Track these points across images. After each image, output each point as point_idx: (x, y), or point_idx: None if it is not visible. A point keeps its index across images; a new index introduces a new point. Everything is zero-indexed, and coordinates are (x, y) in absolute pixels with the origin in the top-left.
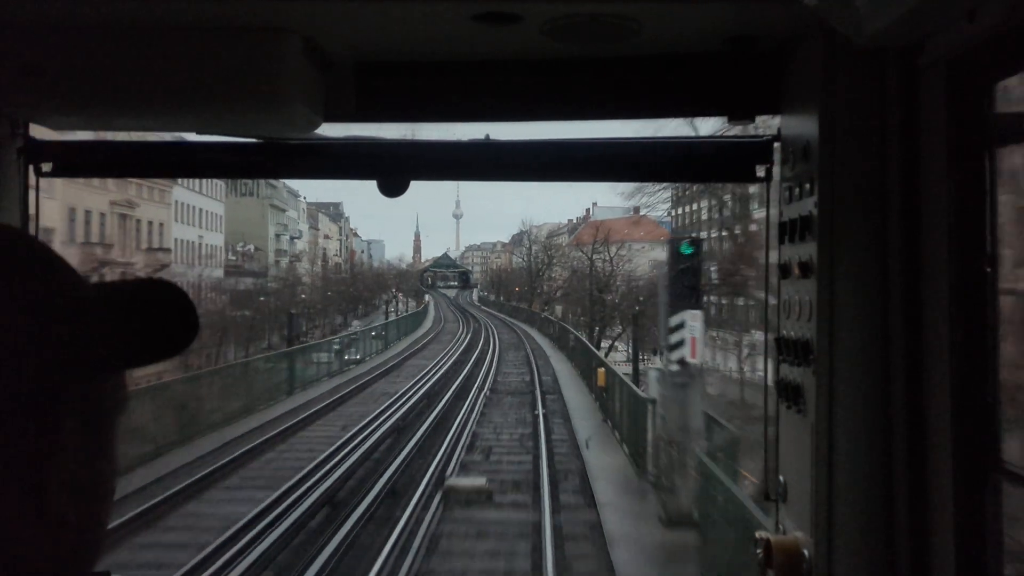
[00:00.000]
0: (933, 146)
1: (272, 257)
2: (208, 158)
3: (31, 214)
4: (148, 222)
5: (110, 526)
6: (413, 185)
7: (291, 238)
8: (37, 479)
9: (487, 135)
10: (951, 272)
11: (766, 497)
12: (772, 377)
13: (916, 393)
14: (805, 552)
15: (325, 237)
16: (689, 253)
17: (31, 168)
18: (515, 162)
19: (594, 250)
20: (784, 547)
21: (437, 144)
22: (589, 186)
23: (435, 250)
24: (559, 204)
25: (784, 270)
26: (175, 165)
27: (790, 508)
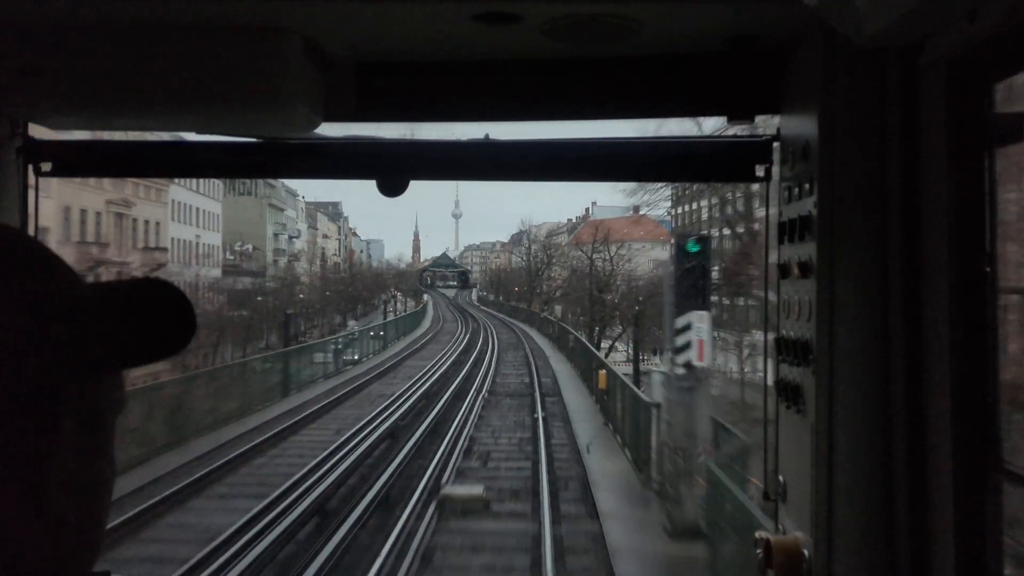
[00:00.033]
0: (933, 146)
1: (270, 256)
2: (208, 158)
3: (30, 214)
4: (144, 221)
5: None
6: (412, 185)
7: (289, 237)
8: (36, 479)
9: (487, 135)
10: (951, 272)
11: (766, 497)
12: (772, 377)
13: (916, 393)
14: (805, 552)
15: (324, 236)
16: (696, 251)
17: (30, 168)
18: (515, 162)
19: (594, 249)
20: (784, 547)
21: (437, 144)
22: (589, 185)
23: (434, 250)
24: (559, 203)
25: (783, 270)
26: (175, 165)
27: (790, 508)
